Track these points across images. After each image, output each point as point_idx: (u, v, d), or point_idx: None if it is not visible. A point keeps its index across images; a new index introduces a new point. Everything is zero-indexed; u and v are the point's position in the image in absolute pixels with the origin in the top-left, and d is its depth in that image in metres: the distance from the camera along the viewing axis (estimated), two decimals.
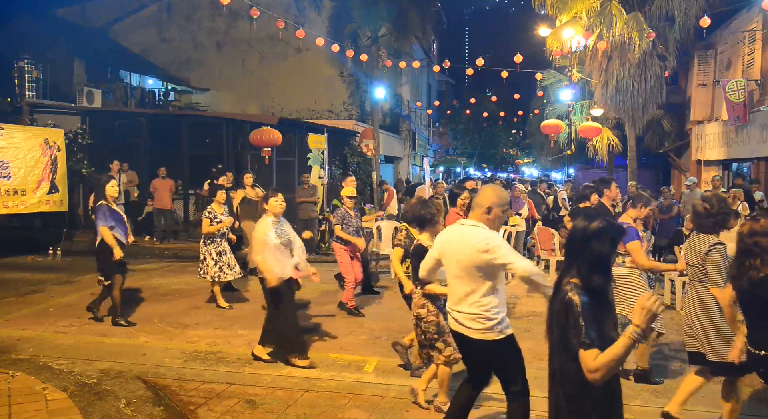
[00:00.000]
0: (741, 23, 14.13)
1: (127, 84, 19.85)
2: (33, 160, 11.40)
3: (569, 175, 28.31)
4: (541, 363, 5.78)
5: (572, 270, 2.58)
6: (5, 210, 10.97)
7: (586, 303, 2.44)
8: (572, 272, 2.58)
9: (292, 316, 5.82)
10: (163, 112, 18.08)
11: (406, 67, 19.69)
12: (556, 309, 2.55)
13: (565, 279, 2.58)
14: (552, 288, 2.73)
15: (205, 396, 4.90)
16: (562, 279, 2.59)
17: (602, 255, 2.55)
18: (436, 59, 30.91)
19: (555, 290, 2.63)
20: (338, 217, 7.86)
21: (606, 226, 2.58)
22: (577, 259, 2.59)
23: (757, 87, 13.05)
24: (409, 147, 29.00)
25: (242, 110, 19.64)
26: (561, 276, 2.64)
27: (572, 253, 2.63)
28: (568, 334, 2.46)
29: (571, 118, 20.57)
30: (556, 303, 2.57)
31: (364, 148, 18.54)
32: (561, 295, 2.53)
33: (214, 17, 20.57)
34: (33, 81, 14.53)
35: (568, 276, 2.58)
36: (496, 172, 47.21)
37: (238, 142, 14.63)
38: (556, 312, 2.56)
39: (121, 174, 13.29)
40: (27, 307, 7.85)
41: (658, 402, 4.97)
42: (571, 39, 15.15)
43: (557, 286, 2.61)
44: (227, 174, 12.06)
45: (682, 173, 18.87)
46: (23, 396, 4.63)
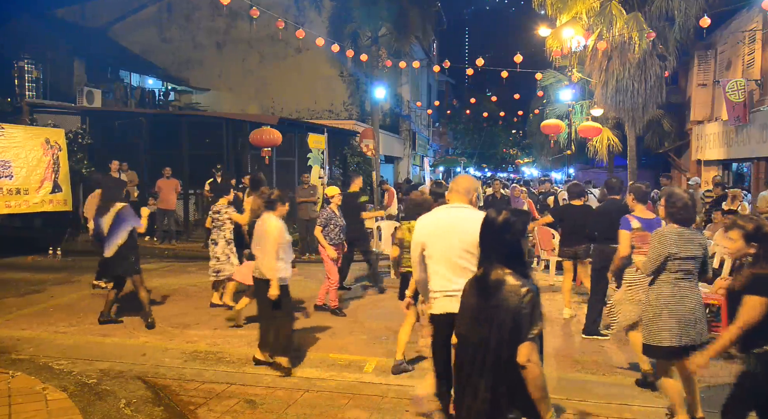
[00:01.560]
0: (741, 23, 14.13)
1: (127, 84, 19.85)
2: (35, 160, 11.41)
3: (569, 175, 28.30)
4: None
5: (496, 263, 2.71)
6: (8, 209, 10.97)
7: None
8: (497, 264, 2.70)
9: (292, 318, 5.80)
10: (163, 112, 18.09)
11: (406, 67, 19.69)
12: (510, 299, 2.61)
13: (495, 271, 2.68)
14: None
15: (205, 396, 4.90)
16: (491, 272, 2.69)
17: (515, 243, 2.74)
18: (436, 59, 30.91)
19: (493, 282, 2.68)
20: (322, 218, 7.75)
21: (511, 216, 2.76)
22: (499, 252, 2.74)
23: (757, 87, 13.05)
24: (409, 147, 29.00)
25: (242, 110, 19.64)
26: (487, 269, 2.73)
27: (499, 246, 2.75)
28: (523, 323, 2.58)
29: (571, 118, 20.57)
30: (504, 293, 2.63)
31: (364, 148, 18.54)
32: (513, 286, 2.62)
33: (214, 17, 20.56)
34: (33, 81, 14.52)
35: (496, 268, 2.69)
36: (496, 171, 47.22)
37: (238, 142, 14.64)
38: (511, 302, 2.61)
39: (121, 174, 13.28)
40: (27, 307, 7.85)
41: (658, 402, 4.98)
42: (571, 39, 15.15)
43: (490, 277, 2.69)
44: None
45: (682, 173, 18.87)
46: (23, 396, 4.63)
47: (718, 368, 5.92)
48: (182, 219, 14.64)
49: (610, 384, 5.42)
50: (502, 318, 2.61)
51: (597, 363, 5.99)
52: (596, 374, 5.67)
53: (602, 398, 5.04)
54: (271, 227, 5.39)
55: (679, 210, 4.35)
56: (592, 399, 5.00)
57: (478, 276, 2.74)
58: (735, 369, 5.35)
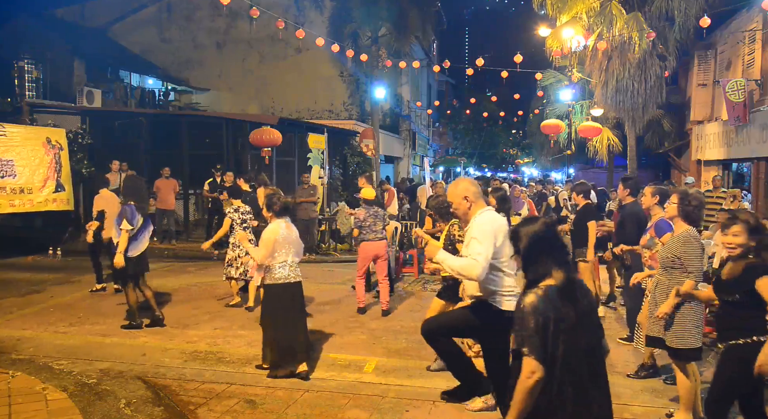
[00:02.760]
0: (741, 23, 14.13)
1: (127, 84, 19.84)
2: (37, 159, 11.42)
3: (569, 175, 28.31)
4: None
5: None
6: (12, 208, 10.99)
7: (537, 306, 2.50)
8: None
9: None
10: (163, 112, 18.08)
11: (406, 67, 19.70)
12: (593, 301, 2.69)
13: (574, 276, 2.67)
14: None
15: (205, 396, 4.90)
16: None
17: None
18: (436, 59, 30.91)
19: (580, 286, 2.71)
20: (359, 220, 7.78)
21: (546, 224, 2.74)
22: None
23: (757, 87, 13.05)
24: (409, 147, 29.00)
25: (242, 110, 19.64)
26: (568, 274, 2.68)
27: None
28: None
29: (571, 118, 20.57)
30: (590, 297, 2.71)
31: (364, 148, 18.54)
32: (588, 290, 2.70)
33: (214, 17, 20.56)
34: (33, 81, 14.51)
35: (572, 273, 2.67)
36: (496, 171, 47.19)
37: (238, 142, 14.64)
38: (593, 305, 2.69)
39: (121, 174, 13.28)
40: (27, 307, 7.85)
41: (658, 403, 4.98)
42: (571, 39, 15.16)
43: (576, 283, 2.68)
44: (227, 173, 12.09)
45: (682, 173, 18.87)
46: (23, 396, 4.63)
47: None
48: (182, 220, 14.64)
49: (611, 383, 5.40)
50: (596, 322, 2.65)
51: None
52: None
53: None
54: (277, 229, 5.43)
55: (695, 209, 4.42)
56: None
57: (565, 282, 2.60)
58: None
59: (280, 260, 5.34)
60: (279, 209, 5.42)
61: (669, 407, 4.89)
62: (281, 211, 5.44)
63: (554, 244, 2.73)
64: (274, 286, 5.34)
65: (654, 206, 5.59)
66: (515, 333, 2.53)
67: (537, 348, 2.45)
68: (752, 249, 3.56)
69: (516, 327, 2.53)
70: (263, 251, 5.27)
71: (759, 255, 3.53)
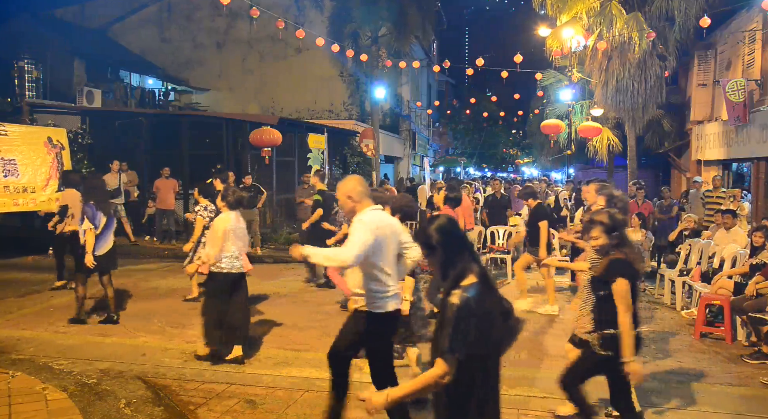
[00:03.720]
0: (741, 23, 14.12)
1: (127, 84, 19.85)
2: (39, 159, 11.43)
3: (569, 175, 28.32)
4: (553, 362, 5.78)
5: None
6: (16, 207, 11.00)
7: (466, 306, 2.45)
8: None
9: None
10: (163, 112, 18.08)
11: (406, 67, 19.69)
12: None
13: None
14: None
15: (205, 396, 4.90)
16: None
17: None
18: (436, 59, 30.91)
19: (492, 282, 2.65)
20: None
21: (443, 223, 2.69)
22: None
23: (757, 87, 13.04)
24: (409, 147, 29.00)
25: (242, 110, 19.64)
26: (482, 270, 2.66)
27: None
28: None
29: (571, 118, 20.56)
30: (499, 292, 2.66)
31: (364, 148, 18.55)
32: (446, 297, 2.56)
33: (214, 17, 20.56)
34: (33, 81, 14.52)
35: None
36: (496, 171, 47.23)
37: (238, 142, 14.63)
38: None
39: (121, 174, 13.28)
40: (27, 307, 7.85)
41: (658, 403, 4.98)
42: (571, 39, 15.15)
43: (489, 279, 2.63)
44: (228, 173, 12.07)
45: (682, 173, 18.86)
46: (23, 396, 4.63)
47: (717, 369, 5.92)
48: (182, 219, 14.63)
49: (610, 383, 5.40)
50: (507, 308, 2.64)
51: None
52: None
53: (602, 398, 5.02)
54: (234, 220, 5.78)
55: (621, 211, 4.54)
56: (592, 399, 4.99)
57: (483, 277, 2.59)
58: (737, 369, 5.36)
59: (226, 251, 5.60)
60: (233, 201, 5.72)
61: (669, 407, 4.89)
62: (235, 204, 5.73)
63: (466, 240, 2.74)
64: (218, 274, 5.62)
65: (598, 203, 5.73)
66: (443, 334, 2.46)
67: (458, 348, 2.42)
68: (613, 246, 3.83)
69: (445, 328, 2.47)
70: (215, 248, 5.54)
71: (620, 250, 3.81)
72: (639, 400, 5.02)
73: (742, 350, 6.43)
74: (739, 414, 4.81)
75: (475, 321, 2.45)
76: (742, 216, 10.58)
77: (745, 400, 5.10)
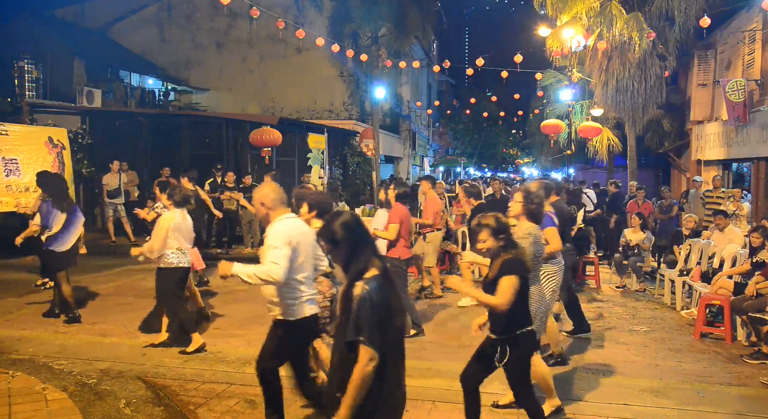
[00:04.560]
0: (741, 23, 14.12)
1: (127, 84, 19.84)
2: (40, 159, 11.42)
3: (569, 175, 28.32)
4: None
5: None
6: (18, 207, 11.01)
7: (369, 297, 2.55)
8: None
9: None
10: (163, 112, 18.08)
11: (406, 67, 19.69)
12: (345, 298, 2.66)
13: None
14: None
15: (205, 396, 4.90)
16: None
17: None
18: (436, 59, 30.92)
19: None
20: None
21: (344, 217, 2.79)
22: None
23: (757, 87, 13.04)
24: (409, 147, 29.01)
25: (242, 110, 19.64)
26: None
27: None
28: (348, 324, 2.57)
29: (571, 118, 20.57)
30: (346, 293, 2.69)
31: (364, 148, 18.54)
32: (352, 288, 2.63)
33: (214, 17, 20.56)
34: (33, 81, 14.52)
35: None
36: (496, 171, 47.24)
37: (238, 142, 14.64)
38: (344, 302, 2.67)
39: (121, 174, 13.28)
40: (27, 307, 7.84)
41: (658, 403, 4.98)
42: (571, 39, 15.16)
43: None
44: (228, 173, 12.09)
45: (682, 173, 18.87)
46: (23, 396, 4.63)
47: (717, 369, 5.93)
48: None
49: (611, 384, 5.42)
50: (403, 303, 2.83)
51: (595, 362, 5.99)
52: (596, 374, 5.67)
53: (602, 398, 5.04)
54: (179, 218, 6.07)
55: (537, 207, 4.68)
56: (592, 399, 5.00)
57: (384, 270, 2.71)
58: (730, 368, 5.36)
59: (173, 247, 5.89)
60: (179, 199, 6.02)
61: (669, 407, 4.89)
62: (180, 202, 6.03)
63: (368, 234, 2.82)
64: (167, 270, 5.94)
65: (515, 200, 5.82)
66: (350, 325, 2.55)
67: (373, 335, 2.52)
68: (501, 247, 3.85)
69: (351, 318, 2.56)
70: (159, 242, 5.81)
71: (508, 251, 3.83)
72: (639, 400, 5.03)
73: (742, 350, 6.43)
74: (739, 414, 4.81)
75: (378, 311, 2.55)
76: (741, 216, 10.58)
77: (745, 400, 5.10)
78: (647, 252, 9.88)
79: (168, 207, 6.16)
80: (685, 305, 8.20)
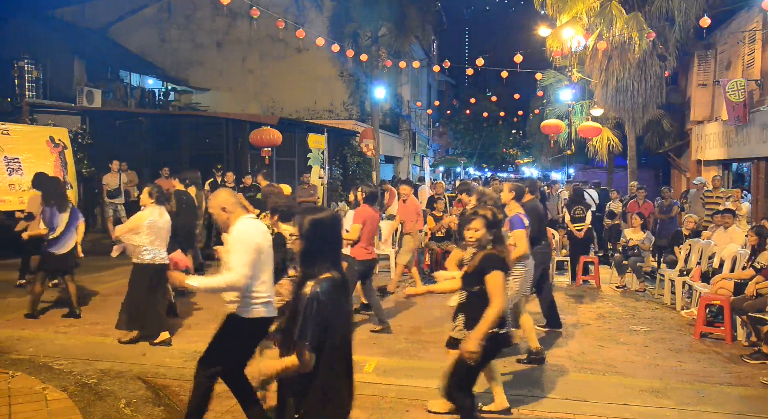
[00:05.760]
0: (741, 23, 14.12)
1: (127, 84, 19.82)
2: (43, 158, 11.43)
3: (569, 175, 28.32)
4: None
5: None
6: (22, 205, 10.99)
7: (318, 298, 2.54)
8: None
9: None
10: (163, 112, 18.08)
11: (406, 67, 19.70)
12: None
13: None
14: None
15: None
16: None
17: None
18: (436, 59, 30.92)
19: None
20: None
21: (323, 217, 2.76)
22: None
23: (757, 87, 13.04)
24: (409, 147, 29.00)
25: (242, 110, 19.63)
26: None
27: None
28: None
29: (571, 118, 20.57)
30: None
31: (364, 148, 18.55)
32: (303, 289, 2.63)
33: (214, 17, 20.56)
34: (33, 81, 14.49)
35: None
36: (496, 171, 47.24)
37: (238, 142, 14.64)
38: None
39: (121, 174, 13.28)
40: (27, 307, 7.83)
41: (658, 403, 4.98)
42: (571, 39, 15.16)
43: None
44: (227, 174, 12.10)
45: (682, 173, 18.87)
46: (23, 396, 4.63)
47: (717, 369, 5.93)
48: None
49: (611, 384, 5.42)
50: (351, 311, 2.85)
51: (595, 362, 5.99)
52: (596, 374, 5.67)
53: (602, 398, 5.04)
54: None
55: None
56: (592, 399, 5.00)
57: (340, 275, 2.69)
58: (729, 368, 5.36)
59: (148, 244, 6.02)
60: (157, 198, 6.14)
61: (669, 407, 4.89)
62: (159, 200, 6.15)
63: (335, 238, 2.78)
64: (142, 266, 6.09)
65: (511, 201, 5.84)
66: (298, 324, 2.54)
67: (315, 337, 2.52)
68: (489, 241, 3.84)
69: (298, 317, 2.55)
70: (124, 227, 6.07)
71: (495, 246, 3.82)
72: (639, 400, 5.03)
73: (742, 350, 6.43)
74: (739, 413, 4.81)
75: (324, 312, 2.53)
76: (741, 216, 10.58)
77: (745, 400, 5.10)
78: (647, 252, 9.89)
79: (148, 204, 6.21)
80: (685, 305, 8.20)
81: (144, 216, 6.03)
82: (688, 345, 6.67)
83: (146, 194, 6.18)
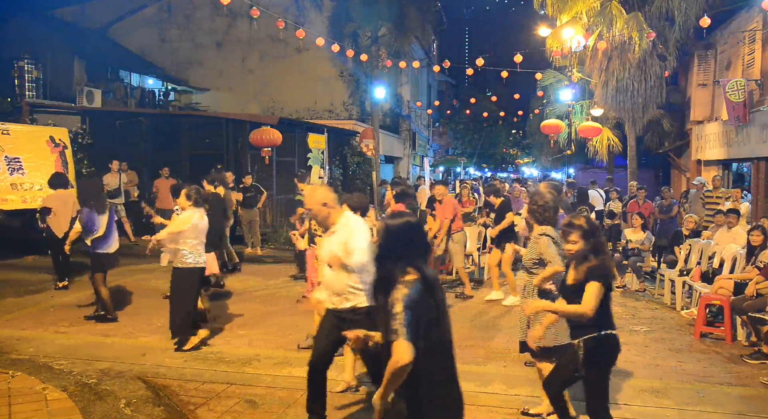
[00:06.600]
0: (741, 23, 14.12)
1: (127, 84, 19.82)
2: (43, 157, 11.45)
3: (569, 175, 28.32)
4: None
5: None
6: (24, 204, 11.03)
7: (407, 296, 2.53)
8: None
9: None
10: (163, 112, 18.07)
11: (406, 67, 19.69)
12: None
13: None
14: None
15: (205, 396, 4.90)
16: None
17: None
18: (436, 59, 30.90)
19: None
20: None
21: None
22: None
23: (757, 87, 13.04)
24: (409, 147, 28.99)
25: (242, 110, 19.62)
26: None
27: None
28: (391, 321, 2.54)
29: (571, 118, 20.57)
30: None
31: (364, 148, 18.54)
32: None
33: (214, 17, 20.54)
34: (33, 81, 14.49)
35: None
36: (496, 171, 47.24)
37: (238, 142, 14.63)
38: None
39: (121, 174, 13.27)
40: (27, 307, 7.84)
41: (658, 403, 4.98)
42: (571, 39, 15.16)
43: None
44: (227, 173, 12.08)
45: (682, 173, 18.87)
46: (23, 396, 4.63)
47: (717, 369, 5.93)
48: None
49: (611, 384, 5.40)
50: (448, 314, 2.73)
51: None
52: None
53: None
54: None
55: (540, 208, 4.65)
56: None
57: (429, 277, 2.67)
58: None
59: (190, 247, 5.93)
60: (196, 200, 6.04)
61: (669, 407, 4.89)
62: (197, 202, 6.06)
63: (420, 240, 2.79)
64: (185, 270, 5.97)
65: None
66: (390, 324, 2.52)
67: (410, 335, 2.48)
68: (591, 251, 3.73)
69: (390, 318, 2.52)
70: (166, 232, 5.96)
71: (597, 256, 3.72)
72: (639, 400, 5.03)
73: (742, 350, 6.43)
74: (739, 413, 4.81)
75: (415, 312, 2.51)
76: (741, 216, 10.58)
77: (745, 400, 5.10)
78: (647, 252, 9.89)
79: (187, 207, 6.08)
80: (685, 305, 8.20)
81: (187, 220, 5.94)
82: (688, 345, 6.67)
83: (184, 197, 6.02)
